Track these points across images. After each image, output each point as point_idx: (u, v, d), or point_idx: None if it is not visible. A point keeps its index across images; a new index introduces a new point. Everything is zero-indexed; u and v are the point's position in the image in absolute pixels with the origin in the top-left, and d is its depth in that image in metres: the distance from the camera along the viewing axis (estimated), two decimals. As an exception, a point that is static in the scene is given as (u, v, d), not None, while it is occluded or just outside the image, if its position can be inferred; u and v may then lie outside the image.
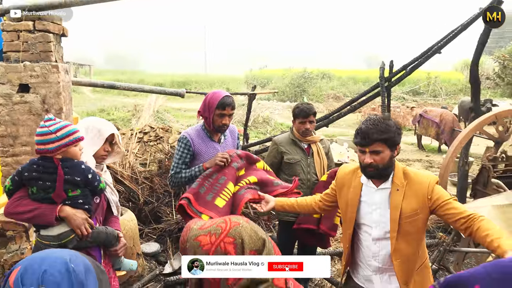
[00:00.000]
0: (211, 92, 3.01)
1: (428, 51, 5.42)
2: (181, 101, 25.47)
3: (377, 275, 2.27)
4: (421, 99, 24.93)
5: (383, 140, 2.07)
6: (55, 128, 2.09)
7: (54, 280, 0.97)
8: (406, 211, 2.10)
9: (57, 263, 0.99)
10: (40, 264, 0.98)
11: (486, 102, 11.68)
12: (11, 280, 0.98)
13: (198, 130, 3.05)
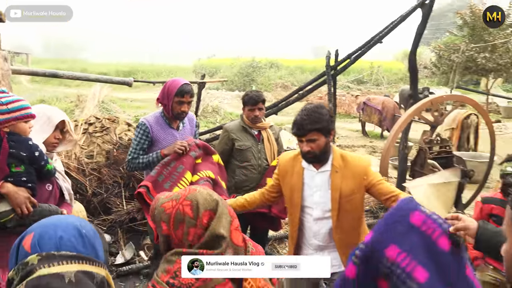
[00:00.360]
0: (170, 79, 3.06)
1: (370, 41, 5.67)
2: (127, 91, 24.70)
3: (318, 253, 2.44)
4: (365, 88, 25.90)
5: (317, 129, 2.23)
6: (7, 100, 2.02)
7: (70, 245, 1.03)
8: (345, 191, 2.29)
9: (70, 229, 1.05)
10: (55, 230, 1.04)
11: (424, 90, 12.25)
12: (27, 245, 1.02)
13: (157, 117, 3.08)
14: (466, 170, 3.78)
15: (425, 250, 1.56)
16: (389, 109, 12.12)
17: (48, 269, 0.96)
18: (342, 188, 2.31)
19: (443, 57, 14.38)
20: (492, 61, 12.75)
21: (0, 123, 2.00)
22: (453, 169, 3.80)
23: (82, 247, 1.05)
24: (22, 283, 0.96)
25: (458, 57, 13.12)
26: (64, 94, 20.89)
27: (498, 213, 2.76)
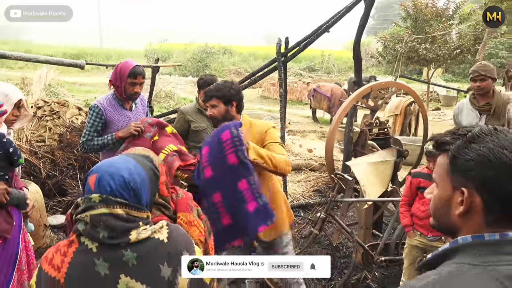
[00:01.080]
0: (121, 62, 3.14)
1: (318, 30, 5.96)
2: (75, 75, 23.90)
3: None
4: (316, 76, 26.56)
5: (217, 96, 2.63)
6: None
7: (119, 194, 1.33)
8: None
9: (120, 181, 1.35)
10: (110, 178, 1.34)
11: (370, 78, 12.98)
12: (91, 182, 1.35)
13: (109, 99, 3.15)
14: (401, 150, 4.18)
15: (218, 158, 2.25)
16: (337, 96, 12.63)
17: (107, 209, 1.31)
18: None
19: (388, 47, 15.07)
20: (432, 52, 13.56)
21: None
22: (390, 149, 4.20)
23: (128, 196, 1.35)
24: (87, 214, 1.31)
25: (402, 48, 13.83)
26: (7, 77, 19.81)
27: (425, 185, 3.15)
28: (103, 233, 1.29)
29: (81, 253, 1.31)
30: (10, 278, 2.31)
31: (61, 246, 1.36)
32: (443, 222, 1.08)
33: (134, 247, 1.33)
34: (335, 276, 3.92)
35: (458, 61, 14.34)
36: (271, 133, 2.63)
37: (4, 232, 2.27)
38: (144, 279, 1.33)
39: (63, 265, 1.31)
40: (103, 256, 1.30)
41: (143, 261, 1.33)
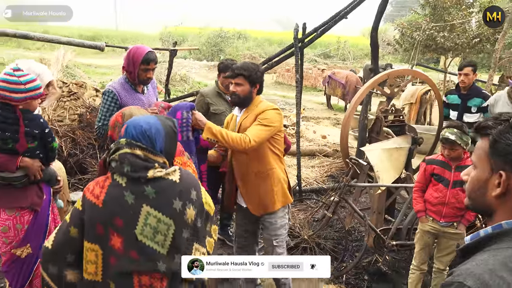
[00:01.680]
0: (134, 47, 3.14)
1: (336, 16, 5.96)
2: (91, 57, 24.11)
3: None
4: (331, 62, 26.35)
5: (244, 76, 2.72)
6: (25, 80, 2.21)
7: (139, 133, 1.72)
8: (243, 125, 2.78)
9: (139, 130, 1.73)
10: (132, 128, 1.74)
11: (387, 66, 12.89)
12: (122, 130, 1.75)
13: (122, 83, 3.19)
14: (416, 137, 4.22)
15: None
16: (352, 83, 12.60)
17: (129, 150, 1.71)
18: (243, 122, 2.80)
19: (406, 35, 14.86)
20: (450, 40, 13.35)
21: (17, 101, 2.21)
22: (405, 136, 4.24)
23: (144, 142, 1.73)
24: (116, 154, 1.71)
25: (419, 35, 13.64)
26: (24, 57, 20.07)
27: (438, 172, 3.20)
28: (127, 168, 1.69)
29: (114, 186, 1.71)
30: (41, 247, 2.45)
31: (99, 180, 1.75)
32: (479, 203, 1.14)
33: (153, 184, 1.71)
34: (346, 259, 4.02)
35: (476, 50, 14.08)
36: (265, 113, 2.74)
37: (35, 205, 2.41)
38: (161, 209, 1.72)
39: (101, 194, 1.70)
40: (130, 189, 1.70)
41: (160, 195, 1.72)
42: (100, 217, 1.69)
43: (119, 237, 1.69)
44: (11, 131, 2.22)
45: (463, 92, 4.52)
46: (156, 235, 1.71)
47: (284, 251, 2.97)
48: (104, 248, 1.70)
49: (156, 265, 1.71)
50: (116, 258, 1.69)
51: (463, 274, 0.97)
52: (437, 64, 22.69)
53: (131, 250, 1.69)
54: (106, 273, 1.71)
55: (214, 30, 30.54)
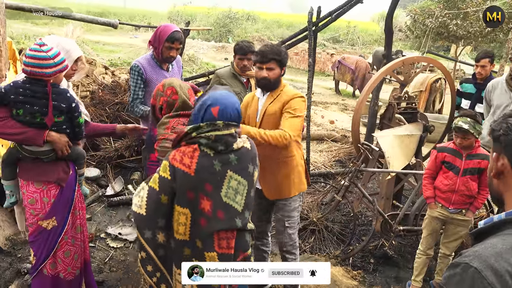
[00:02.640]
0: (162, 25, 3.25)
1: (351, 0, 5.92)
2: (99, 34, 24.02)
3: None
4: (340, 47, 26.12)
5: (276, 60, 2.69)
6: (53, 54, 2.23)
7: (234, 118, 1.97)
8: (269, 110, 2.76)
9: (234, 108, 1.97)
10: (229, 107, 1.95)
11: (397, 52, 12.77)
12: (215, 112, 1.92)
13: (148, 59, 3.29)
14: (427, 125, 4.24)
15: None
16: (361, 69, 12.52)
17: (227, 131, 1.93)
18: (268, 107, 2.77)
19: (418, 21, 14.70)
20: (463, 28, 13.21)
21: (49, 75, 2.23)
22: (417, 123, 4.26)
23: (237, 121, 1.99)
24: (212, 133, 1.89)
25: (432, 22, 13.50)
26: (33, 32, 20.06)
27: (449, 160, 3.24)
28: (221, 146, 1.92)
29: (203, 157, 1.92)
30: (66, 221, 2.53)
31: (186, 151, 1.92)
32: (491, 188, 1.22)
33: (235, 152, 1.97)
34: (353, 242, 4.09)
35: (489, 40, 13.96)
36: (293, 102, 2.72)
37: (61, 181, 2.47)
38: (240, 172, 2.00)
39: (192, 164, 1.89)
40: (217, 159, 1.93)
41: (240, 161, 1.99)
42: (191, 184, 1.89)
43: (208, 200, 1.92)
44: (40, 105, 2.25)
45: (479, 82, 4.51)
46: (236, 195, 1.99)
47: (295, 232, 3.02)
48: (194, 211, 1.92)
49: (235, 221, 1.98)
50: (206, 219, 1.92)
51: (471, 256, 1.01)
52: (447, 52, 22.45)
53: (218, 210, 1.93)
54: (194, 233, 1.94)
55: (223, 10, 30.23)
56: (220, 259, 1.95)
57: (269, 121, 2.76)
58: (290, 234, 2.99)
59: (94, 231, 3.90)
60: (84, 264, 2.75)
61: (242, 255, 2.06)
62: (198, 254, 1.95)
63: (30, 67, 2.21)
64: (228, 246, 1.98)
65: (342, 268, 3.73)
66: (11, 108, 2.26)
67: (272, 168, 2.85)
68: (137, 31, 25.47)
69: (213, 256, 1.95)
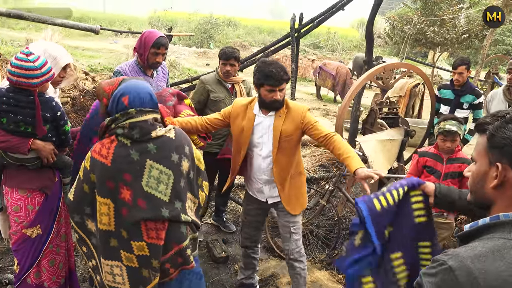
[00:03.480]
0: (147, 31, 3.23)
1: (333, 7, 6.02)
2: (78, 39, 23.67)
3: (266, 186, 2.92)
4: (321, 53, 26.42)
5: (287, 80, 2.70)
6: (40, 63, 2.20)
7: (147, 103, 1.98)
8: (285, 132, 2.74)
9: (147, 93, 2.01)
10: (140, 94, 1.99)
11: (377, 58, 12.99)
12: (126, 102, 1.96)
13: (132, 65, 3.27)
14: (409, 130, 4.34)
15: None
16: (342, 75, 12.69)
17: (141, 117, 1.95)
18: (283, 129, 2.73)
19: (396, 28, 15.02)
20: (440, 35, 13.56)
21: (35, 85, 2.20)
22: (398, 128, 4.35)
23: (152, 104, 2.01)
24: (126, 122, 1.92)
25: (410, 29, 13.81)
26: (10, 37, 19.64)
27: (431, 164, 3.30)
28: (136, 134, 1.94)
29: (120, 147, 1.95)
30: (51, 229, 2.49)
31: (104, 143, 1.97)
32: (479, 195, 1.19)
33: (154, 141, 1.98)
34: (338, 246, 4.13)
35: (465, 46, 14.36)
36: (309, 117, 2.76)
37: (46, 188, 2.43)
38: (161, 161, 1.99)
39: (109, 154, 1.94)
40: (135, 148, 1.95)
41: (160, 150, 2.00)
42: (109, 174, 1.93)
43: (128, 190, 1.95)
44: (24, 114, 2.22)
45: (457, 88, 4.63)
46: (159, 185, 1.99)
47: (300, 238, 3.01)
48: (116, 201, 1.95)
49: (160, 211, 1.98)
50: (127, 209, 1.95)
51: (450, 255, 1.05)
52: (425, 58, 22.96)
53: (139, 199, 1.95)
54: (118, 223, 1.97)
55: (204, 16, 30.21)
56: (149, 248, 1.99)
57: (287, 142, 2.76)
58: (296, 240, 2.99)
59: (77, 240, 3.84)
60: (69, 273, 2.71)
61: (176, 247, 2.07)
62: (124, 244, 1.99)
63: (16, 77, 2.17)
64: (157, 236, 2.00)
65: (328, 272, 3.77)
66: None
67: (294, 184, 2.91)
68: (117, 36, 25.21)
69: (142, 245, 1.99)
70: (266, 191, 2.94)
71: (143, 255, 2.00)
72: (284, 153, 2.79)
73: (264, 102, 2.73)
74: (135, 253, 1.99)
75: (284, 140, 2.75)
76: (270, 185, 2.91)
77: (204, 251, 3.96)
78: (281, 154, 2.79)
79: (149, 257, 2.00)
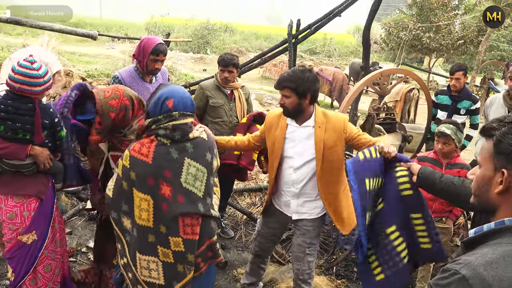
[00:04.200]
0: (146, 37, 3.25)
1: (330, 14, 6.05)
2: (75, 45, 23.65)
3: (294, 200, 2.79)
4: (317, 59, 26.53)
5: (291, 88, 2.56)
6: (43, 72, 2.21)
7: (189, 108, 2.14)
8: (328, 143, 2.62)
9: (188, 98, 2.16)
10: (184, 98, 2.14)
11: (374, 64, 13.06)
12: (170, 105, 2.08)
13: (130, 71, 3.28)
14: (406, 135, 4.37)
15: None
16: (339, 81, 12.74)
17: (183, 120, 2.11)
18: (325, 140, 2.60)
19: (392, 34, 15.12)
20: (435, 41, 13.66)
21: (37, 93, 2.21)
22: (396, 133, 4.38)
23: (191, 111, 2.17)
24: (169, 124, 2.06)
25: (406, 35, 13.91)
26: (6, 43, 19.58)
27: None
28: (177, 135, 2.08)
29: (160, 146, 2.07)
30: (46, 235, 2.48)
31: (144, 142, 2.07)
32: (483, 200, 1.20)
33: (191, 141, 2.12)
34: (336, 251, 4.14)
35: (460, 52, 14.48)
36: (350, 125, 2.68)
37: (41, 193, 2.43)
38: (198, 160, 2.13)
39: (149, 153, 2.04)
40: (174, 147, 2.09)
41: (196, 149, 2.14)
42: (150, 171, 2.03)
43: (168, 186, 2.05)
44: (22, 121, 2.22)
45: (454, 94, 4.67)
46: (195, 181, 2.12)
47: (314, 260, 2.91)
48: (155, 197, 2.05)
49: (197, 206, 2.11)
50: (167, 204, 2.05)
51: (462, 263, 1.05)
52: (420, 64, 23.09)
53: (178, 195, 2.06)
54: (157, 219, 2.06)
55: (201, 22, 30.29)
56: (184, 244, 2.08)
57: (330, 154, 2.63)
58: (309, 262, 2.87)
59: (75, 245, 3.82)
60: (63, 279, 2.69)
61: (208, 241, 2.19)
62: (162, 240, 2.07)
63: (19, 84, 2.16)
64: (192, 232, 2.10)
65: (326, 278, 3.76)
66: None
67: (341, 200, 2.78)
68: (114, 42, 25.23)
69: (178, 241, 2.07)
70: (293, 206, 2.80)
71: (179, 250, 2.08)
72: (329, 166, 2.65)
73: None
74: (172, 248, 2.08)
75: (329, 152, 2.62)
76: (298, 199, 2.78)
77: (202, 257, 3.95)
78: (327, 168, 2.65)
79: (184, 252, 2.09)
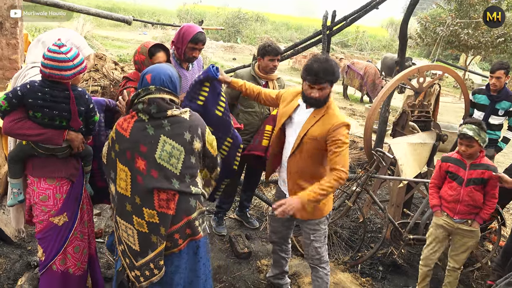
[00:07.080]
0: (185, 25, 3.24)
1: (367, 6, 5.91)
2: (108, 29, 24.08)
3: (283, 186, 2.88)
4: (348, 52, 26.10)
5: (330, 81, 2.52)
6: (72, 55, 2.18)
7: (166, 85, 2.23)
8: (310, 134, 2.59)
9: (167, 75, 2.24)
10: (161, 74, 2.23)
11: (407, 60, 12.74)
12: (148, 79, 2.22)
13: None
14: (441, 134, 4.22)
15: None
16: (370, 75, 12.49)
17: (159, 95, 2.20)
18: (310, 130, 2.58)
19: (428, 29, 14.66)
20: (474, 38, 13.16)
21: (68, 78, 2.19)
22: (430, 132, 4.24)
23: (171, 87, 2.26)
24: (145, 97, 2.18)
25: (443, 31, 13.45)
26: (43, 26, 20.08)
27: (453, 170, 3.18)
28: (153, 109, 2.18)
29: (138, 122, 2.20)
30: (76, 216, 2.52)
31: (127, 117, 2.23)
32: None
33: (169, 119, 2.21)
34: (362, 249, 4.07)
35: (499, 50, 13.87)
36: (339, 133, 2.52)
37: (73, 176, 2.46)
38: (174, 137, 2.21)
39: (128, 127, 2.20)
40: (151, 123, 2.20)
41: (174, 127, 2.22)
42: (127, 144, 2.19)
43: (142, 160, 2.19)
44: (59, 109, 2.23)
45: (493, 93, 4.48)
46: (171, 158, 2.21)
47: (321, 246, 2.89)
48: (132, 169, 2.20)
49: (171, 182, 2.21)
50: (141, 177, 2.19)
51: None
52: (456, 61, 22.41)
53: (152, 169, 2.19)
54: (133, 190, 2.21)
55: (232, 10, 30.23)
56: (159, 216, 2.21)
57: (308, 144, 2.61)
58: (316, 247, 2.87)
59: (103, 227, 3.90)
60: (90, 259, 2.73)
61: (186, 218, 2.29)
62: (137, 210, 2.21)
63: (48, 69, 2.16)
64: (167, 206, 2.22)
65: (351, 275, 3.71)
66: (27, 109, 2.23)
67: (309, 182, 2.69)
68: (146, 28, 25.50)
69: (152, 213, 2.21)
70: (288, 185, 2.84)
71: (153, 222, 2.21)
72: (304, 156, 2.65)
73: (303, 95, 2.63)
74: (146, 219, 2.21)
75: (308, 142, 2.60)
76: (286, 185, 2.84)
77: (226, 246, 3.96)
78: (301, 156, 2.66)
79: (158, 224, 2.22)
